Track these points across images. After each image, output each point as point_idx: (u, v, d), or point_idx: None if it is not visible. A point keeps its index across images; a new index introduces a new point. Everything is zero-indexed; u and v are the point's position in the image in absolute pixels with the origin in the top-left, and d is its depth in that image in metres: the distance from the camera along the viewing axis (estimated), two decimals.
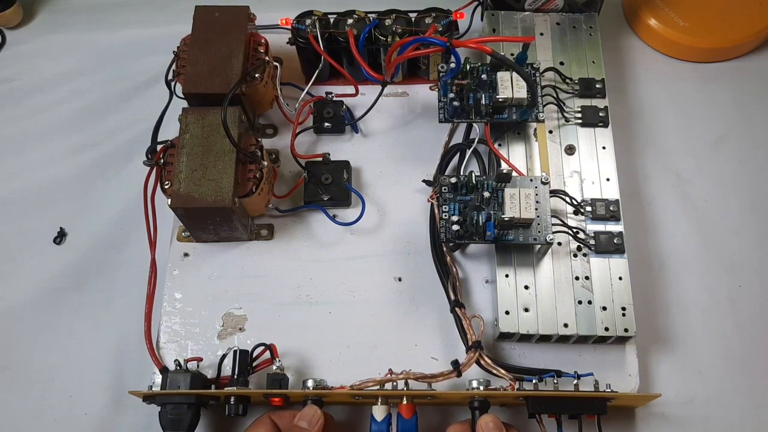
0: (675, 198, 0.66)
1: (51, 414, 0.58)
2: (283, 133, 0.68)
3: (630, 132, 0.69)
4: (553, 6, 0.68)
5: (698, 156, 0.68)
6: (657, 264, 0.63)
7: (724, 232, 0.64)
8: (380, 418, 0.51)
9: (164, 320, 0.59)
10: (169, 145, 0.57)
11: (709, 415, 0.57)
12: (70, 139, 0.70)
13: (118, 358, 0.60)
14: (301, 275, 0.61)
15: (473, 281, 0.61)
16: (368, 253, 0.62)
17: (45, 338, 0.61)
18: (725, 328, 0.60)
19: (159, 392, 0.53)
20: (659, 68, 0.73)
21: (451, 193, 0.57)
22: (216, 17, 0.62)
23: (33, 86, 0.74)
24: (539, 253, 0.58)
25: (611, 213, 0.59)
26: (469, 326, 0.55)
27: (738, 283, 0.62)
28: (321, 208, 0.63)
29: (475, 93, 0.60)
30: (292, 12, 0.66)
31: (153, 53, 0.72)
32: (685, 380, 0.58)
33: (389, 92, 0.69)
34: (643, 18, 0.73)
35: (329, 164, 0.64)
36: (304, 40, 0.64)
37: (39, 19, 0.78)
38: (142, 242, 0.60)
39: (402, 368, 0.53)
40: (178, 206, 0.55)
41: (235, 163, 0.56)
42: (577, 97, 0.64)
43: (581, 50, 0.66)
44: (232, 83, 0.59)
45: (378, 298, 0.60)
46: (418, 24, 0.64)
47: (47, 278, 0.63)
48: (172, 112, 0.61)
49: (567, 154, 0.62)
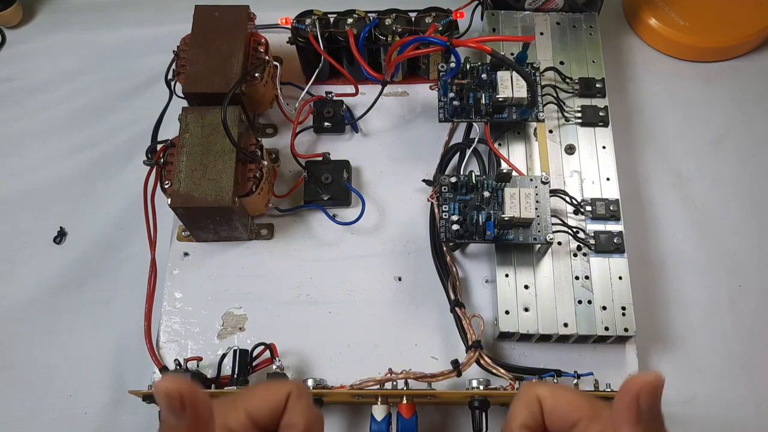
0: (675, 197, 0.66)
1: (51, 414, 0.58)
2: (283, 132, 0.68)
3: (630, 132, 0.69)
4: (553, 5, 0.68)
5: (698, 156, 0.68)
6: (657, 264, 0.63)
7: (724, 231, 0.64)
8: (380, 417, 0.51)
9: (164, 320, 0.59)
10: (169, 145, 0.57)
11: (709, 415, 0.57)
12: (70, 139, 0.70)
13: (118, 357, 0.60)
14: (301, 275, 0.61)
15: (473, 281, 0.61)
16: (368, 252, 0.62)
17: (45, 338, 0.61)
18: (725, 327, 0.60)
19: None
20: (659, 68, 0.73)
21: (451, 193, 0.57)
22: (216, 17, 0.62)
23: (33, 86, 0.74)
24: (539, 252, 0.58)
25: (611, 213, 0.59)
26: (469, 326, 0.55)
27: (738, 283, 0.62)
28: (321, 208, 0.63)
29: (475, 92, 0.60)
30: (292, 11, 0.66)
31: (153, 53, 0.72)
32: (685, 380, 0.58)
33: (389, 92, 0.69)
34: (643, 17, 0.73)
35: (329, 164, 0.64)
36: (304, 39, 0.64)
37: (39, 18, 0.78)
38: (142, 242, 0.60)
39: (402, 368, 0.53)
40: (178, 206, 0.55)
41: (235, 162, 0.56)
42: (577, 96, 0.64)
43: (581, 50, 0.66)
44: (232, 83, 0.59)
45: (378, 297, 0.60)
46: (418, 23, 0.64)
47: (47, 278, 0.63)
48: (172, 111, 0.61)
49: (567, 153, 0.62)
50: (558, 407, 0.33)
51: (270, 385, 0.35)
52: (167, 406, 0.29)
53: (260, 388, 0.35)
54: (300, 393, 0.34)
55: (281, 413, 0.33)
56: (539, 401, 0.33)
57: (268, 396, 0.34)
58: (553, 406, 0.33)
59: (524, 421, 0.33)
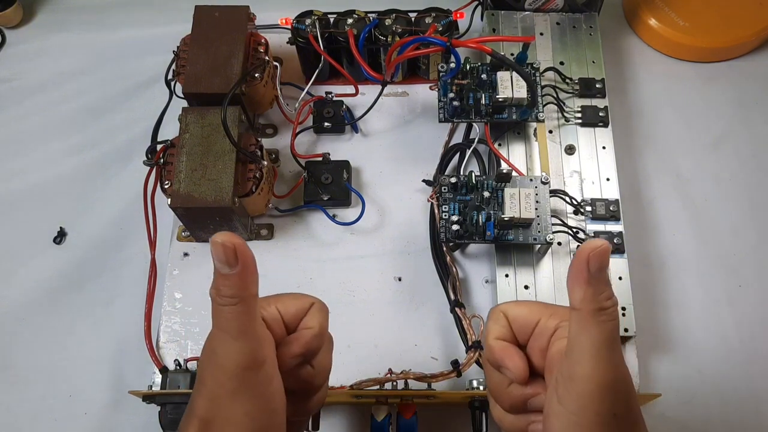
0: (675, 198, 0.66)
1: (51, 414, 0.58)
2: (283, 132, 0.68)
3: (630, 132, 0.69)
4: (553, 6, 0.68)
5: (698, 156, 0.68)
6: (657, 264, 0.63)
7: (724, 232, 0.64)
8: (380, 417, 0.51)
9: (164, 320, 0.59)
10: (169, 145, 0.57)
11: (709, 415, 0.57)
12: (70, 139, 0.70)
13: (118, 358, 0.60)
14: (301, 275, 0.61)
15: (473, 281, 0.61)
16: (368, 253, 0.62)
17: (45, 338, 0.61)
18: (725, 328, 0.60)
19: (159, 392, 0.53)
20: (659, 68, 0.73)
21: (451, 193, 0.57)
22: (216, 17, 0.62)
23: (33, 86, 0.74)
24: (539, 252, 0.58)
25: (611, 213, 0.59)
26: (469, 326, 0.55)
27: (738, 283, 0.62)
28: (321, 208, 0.63)
29: (475, 93, 0.60)
30: (292, 12, 0.66)
31: (153, 53, 0.72)
32: (685, 380, 0.58)
33: (389, 92, 0.69)
34: (643, 18, 0.73)
35: (329, 164, 0.64)
36: (304, 39, 0.64)
37: (39, 19, 0.78)
38: (142, 242, 0.60)
39: (402, 368, 0.53)
40: (178, 206, 0.55)
41: (235, 162, 0.56)
42: (577, 96, 0.64)
43: (581, 50, 0.66)
44: (232, 83, 0.59)
45: (378, 298, 0.60)
46: (418, 24, 0.64)
47: (47, 278, 0.63)
48: (172, 111, 0.61)
49: (567, 154, 0.62)
50: (520, 314, 0.39)
51: (299, 295, 0.42)
52: (223, 256, 0.34)
53: (291, 295, 0.41)
54: (321, 307, 0.41)
55: (302, 316, 0.40)
56: (504, 314, 0.39)
57: (296, 301, 0.41)
58: (515, 315, 0.39)
59: (497, 335, 0.39)
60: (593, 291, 0.33)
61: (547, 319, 0.38)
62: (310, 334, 0.40)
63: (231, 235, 0.34)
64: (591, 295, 0.33)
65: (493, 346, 0.38)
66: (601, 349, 0.33)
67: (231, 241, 0.34)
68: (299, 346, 0.39)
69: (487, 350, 0.39)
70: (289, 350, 0.39)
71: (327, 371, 0.43)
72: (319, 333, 0.40)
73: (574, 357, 0.34)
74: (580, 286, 0.33)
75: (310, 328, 0.40)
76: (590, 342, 0.33)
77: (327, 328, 0.41)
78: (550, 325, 0.37)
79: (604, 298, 0.33)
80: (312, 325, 0.40)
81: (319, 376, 0.41)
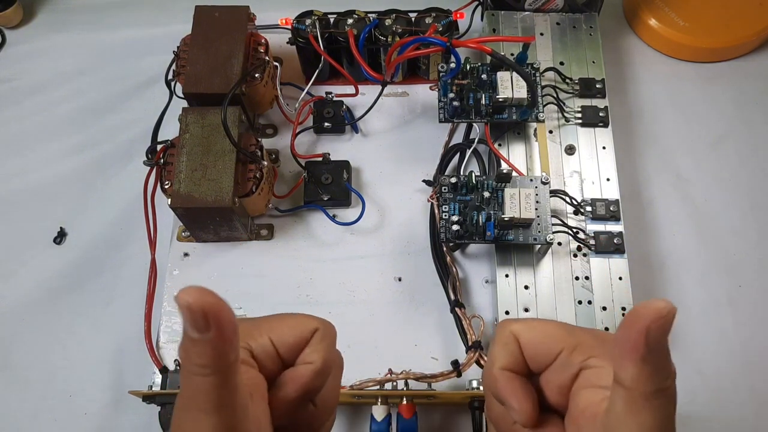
0: (675, 198, 0.66)
1: (51, 414, 0.58)
2: (283, 133, 0.68)
3: (630, 132, 0.69)
4: (553, 6, 0.68)
5: (698, 156, 0.68)
6: (657, 264, 0.63)
7: (724, 232, 0.64)
8: (380, 418, 0.51)
9: (164, 320, 0.59)
10: (169, 145, 0.57)
11: (709, 415, 0.57)
12: (70, 139, 0.70)
13: (118, 358, 0.60)
14: (301, 275, 0.61)
15: (473, 281, 0.61)
16: (368, 253, 0.62)
17: (45, 338, 0.61)
18: (725, 328, 0.60)
19: (159, 392, 0.53)
20: (659, 68, 0.73)
21: (451, 193, 0.57)
22: (216, 17, 0.62)
23: (33, 86, 0.74)
24: (539, 253, 0.58)
25: (611, 213, 0.59)
26: (469, 326, 0.55)
27: (738, 283, 0.62)
28: (321, 208, 0.63)
29: (475, 93, 0.60)
30: (292, 12, 0.66)
31: (153, 53, 0.72)
32: (685, 380, 0.58)
33: (389, 92, 0.69)
34: (643, 18, 0.73)
35: (329, 164, 0.64)
36: (304, 40, 0.64)
37: (39, 19, 0.78)
38: (142, 242, 0.60)
39: (402, 368, 0.53)
40: (178, 206, 0.55)
41: (235, 162, 0.56)
42: (577, 97, 0.64)
43: (581, 50, 0.66)
44: (232, 83, 0.59)
45: (378, 298, 0.60)
46: (418, 24, 0.64)
47: (47, 278, 0.63)
48: (172, 112, 0.61)
49: (567, 154, 0.62)
50: (534, 340, 0.31)
51: (299, 318, 0.34)
52: (190, 322, 0.26)
53: (289, 317, 0.34)
54: (326, 333, 0.33)
55: (303, 347, 0.33)
56: (516, 338, 0.31)
57: (294, 328, 0.33)
58: (528, 340, 0.31)
59: (504, 364, 0.31)
60: (651, 370, 0.25)
61: (570, 353, 0.30)
62: (310, 371, 0.32)
63: (201, 292, 0.25)
64: (648, 374, 0.25)
65: (498, 378, 0.31)
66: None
67: (200, 301, 0.25)
68: (296, 388, 0.32)
69: (490, 379, 0.31)
70: (284, 394, 0.32)
71: (332, 408, 0.36)
72: (322, 369, 0.32)
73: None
74: (634, 362, 0.25)
75: (311, 363, 0.32)
76: (640, 429, 0.26)
77: (333, 359, 0.34)
78: (574, 362, 0.30)
79: (664, 376, 0.26)
80: (313, 360, 0.32)
81: (322, 414, 0.34)
